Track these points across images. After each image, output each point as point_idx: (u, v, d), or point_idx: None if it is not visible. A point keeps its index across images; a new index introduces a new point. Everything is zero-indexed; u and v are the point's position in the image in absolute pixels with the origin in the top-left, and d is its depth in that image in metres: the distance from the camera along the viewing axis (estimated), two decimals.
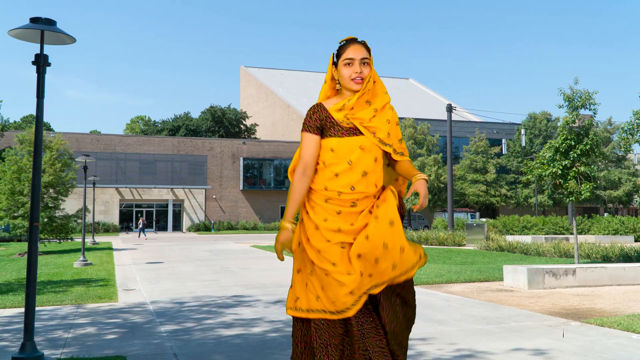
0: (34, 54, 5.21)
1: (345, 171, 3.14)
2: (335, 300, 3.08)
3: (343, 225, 3.12)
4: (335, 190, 3.13)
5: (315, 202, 3.18)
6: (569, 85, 14.37)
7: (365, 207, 3.17)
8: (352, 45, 3.23)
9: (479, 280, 11.45)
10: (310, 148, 3.19)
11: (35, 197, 5.17)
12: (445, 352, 5.31)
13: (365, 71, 3.20)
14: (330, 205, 3.15)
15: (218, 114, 62.05)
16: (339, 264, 3.09)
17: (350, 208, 3.14)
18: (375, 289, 3.12)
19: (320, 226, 3.13)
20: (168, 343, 5.89)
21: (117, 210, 47.18)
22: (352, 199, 3.14)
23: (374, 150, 3.19)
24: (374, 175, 3.18)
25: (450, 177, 29.07)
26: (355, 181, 3.13)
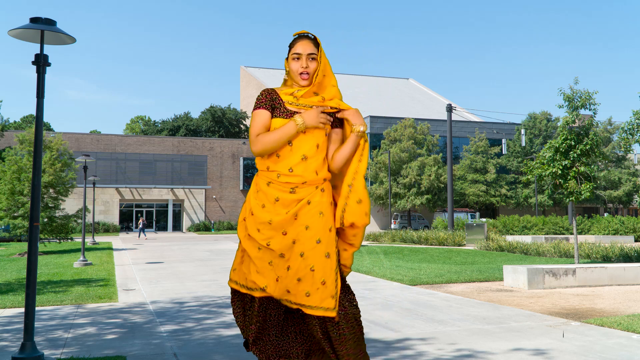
0: (34, 54, 5.21)
1: (286, 152, 3.20)
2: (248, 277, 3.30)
3: (276, 216, 3.18)
4: (275, 171, 3.20)
5: (260, 186, 3.27)
6: (569, 85, 14.39)
7: (304, 196, 3.20)
8: (301, 41, 3.30)
9: (479, 280, 11.44)
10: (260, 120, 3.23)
11: (35, 197, 5.17)
12: (445, 352, 5.31)
13: (311, 66, 3.26)
14: (271, 190, 3.21)
15: (218, 114, 62.04)
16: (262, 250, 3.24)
17: (289, 195, 3.19)
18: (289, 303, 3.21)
19: (255, 213, 3.24)
20: (168, 343, 5.89)
21: (117, 210, 47.18)
22: (290, 182, 3.18)
23: (317, 136, 3.23)
24: (314, 162, 3.21)
25: (450, 177, 29.06)
26: (294, 164, 3.18)
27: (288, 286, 3.17)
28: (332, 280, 3.13)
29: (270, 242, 3.19)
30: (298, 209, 3.17)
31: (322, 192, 3.24)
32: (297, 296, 3.16)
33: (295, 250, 3.16)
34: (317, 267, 3.12)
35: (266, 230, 3.21)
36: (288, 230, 3.18)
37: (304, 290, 3.13)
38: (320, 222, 3.18)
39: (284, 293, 3.19)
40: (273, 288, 3.22)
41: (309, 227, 3.16)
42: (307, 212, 3.17)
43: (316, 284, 3.12)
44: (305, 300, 3.13)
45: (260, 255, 3.24)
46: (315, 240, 3.15)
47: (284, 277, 3.18)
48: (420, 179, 44.80)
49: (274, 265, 3.21)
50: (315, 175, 3.22)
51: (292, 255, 3.17)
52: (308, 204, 3.18)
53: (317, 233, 3.16)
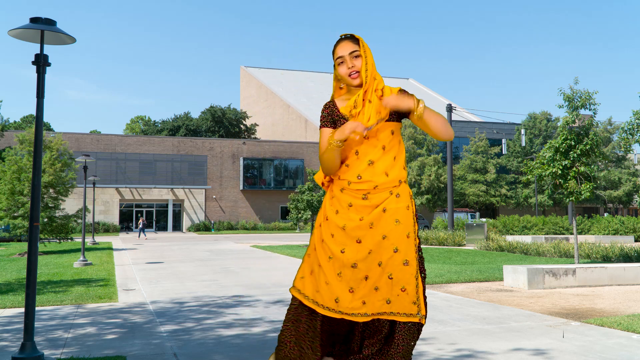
0: (34, 54, 5.21)
1: (353, 161, 3.17)
2: (318, 290, 3.16)
3: (349, 222, 3.12)
4: (346, 179, 3.19)
5: (334, 192, 3.24)
6: (569, 85, 14.39)
7: (378, 202, 3.15)
8: (340, 44, 3.24)
9: (479, 280, 11.44)
10: (323, 139, 3.22)
11: (35, 197, 5.17)
12: (445, 352, 5.31)
13: (357, 63, 3.19)
14: (344, 195, 3.18)
15: (218, 114, 62.04)
16: (334, 259, 3.14)
17: (361, 201, 3.15)
18: (362, 317, 3.10)
19: (329, 218, 3.20)
20: (168, 343, 5.89)
21: (117, 210, 47.17)
22: (361, 189, 3.15)
23: (381, 138, 3.18)
24: (381, 163, 3.16)
25: (450, 177, 29.07)
26: (361, 170, 3.15)
27: (365, 297, 3.08)
28: (412, 287, 3.10)
29: (345, 249, 3.12)
30: (373, 217, 3.12)
31: (397, 198, 3.16)
32: (375, 305, 3.08)
33: (373, 261, 3.09)
34: (395, 275, 3.08)
35: (340, 237, 3.14)
36: (363, 239, 3.11)
37: (384, 298, 3.08)
38: (397, 230, 3.11)
39: (359, 306, 3.09)
40: (348, 301, 3.09)
41: (386, 236, 3.10)
42: (383, 221, 3.12)
43: (396, 291, 3.08)
44: (386, 308, 3.08)
45: (330, 265, 3.14)
46: (393, 250, 3.10)
47: (360, 288, 3.08)
48: (420, 179, 44.81)
49: (342, 276, 3.11)
50: (385, 177, 3.16)
51: (369, 265, 3.09)
52: (384, 211, 3.13)
53: (394, 242, 3.10)
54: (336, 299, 3.10)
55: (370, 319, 3.11)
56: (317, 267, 3.19)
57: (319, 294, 3.14)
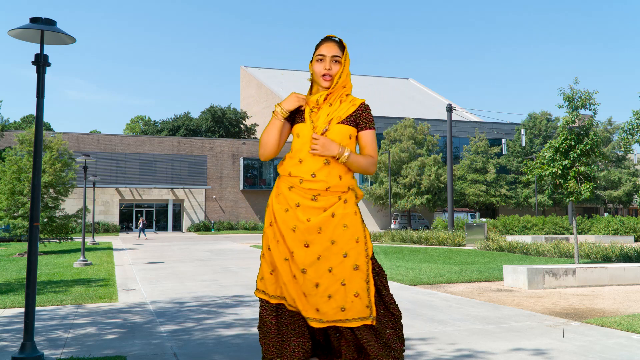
0: (34, 54, 5.21)
1: (308, 157, 3.16)
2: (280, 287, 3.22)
3: (299, 223, 3.12)
4: (298, 176, 3.15)
5: (281, 189, 3.23)
6: (569, 85, 14.39)
7: (327, 206, 3.14)
8: (327, 43, 3.27)
9: (479, 280, 11.44)
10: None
11: (35, 197, 5.17)
12: (445, 352, 5.31)
13: (334, 69, 3.23)
14: (292, 194, 3.16)
15: (218, 114, 62.04)
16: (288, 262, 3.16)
17: (310, 202, 3.13)
18: (317, 323, 3.11)
19: (278, 218, 3.19)
20: (168, 343, 5.88)
21: (117, 210, 47.18)
22: (313, 189, 3.13)
23: (340, 140, 3.20)
24: (337, 166, 3.17)
25: (450, 177, 29.06)
26: (317, 168, 3.14)
27: (318, 304, 3.08)
28: (364, 291, 3.11)
29: (294, 251, 3.12)
30: (321, 220, 3.11)
31: (344, 204, 3.17)
32: (329, 313, 3.08)
33: (322, 267, 3.09)
34: (347, 281, 3.08)
35: (290, 239, 3.13)
36: (311, 243, 3.10)
37: (338, 306, 3.08)
38: (346, 236, 3.12)
39: (314, 312, 3.10)
40: (302, 304, 3.11)
41: (334, 241, 3.11)
42: (331, 226, 3.11)
43: (350, 298, 3.08)
44: (342, 315, 3.08)
45: (286, 267, 3.15)
46: (342, 255, 3.10)
47: (312, 295, 3.08)
48: (420, 179, 44.80)
49: (297, 279, 3.11)
50: (338, 180, 3.16)
51: (319, 272, 3.09)
52: (332, 216, 3.12)
53: (343, 247, 3.11)
54: (293, 299, 3.14)
55: (326, 326, 3.11)
56: (277, 268, 3.21)
57: (281, 289, 3.21)
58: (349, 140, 3.22)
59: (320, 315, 3.09)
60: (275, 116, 3.21)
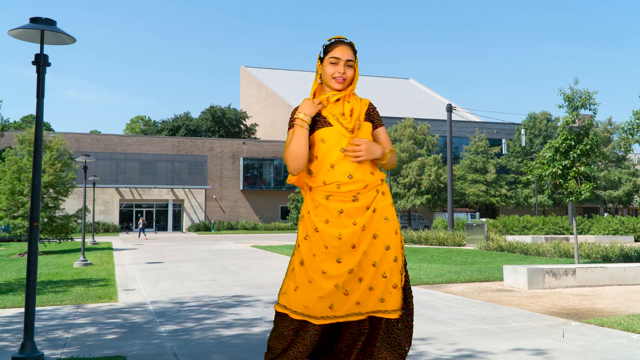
0: (34, 54, 5.21)
1: (339, 160, 3.11)
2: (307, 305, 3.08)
3: (344, 229, 3.07)
4: (333, 182, 3.10)
5: (318, 201, 3.14)
6: (569, 85, 14.39)
7: (368, 203, 3.13)
8: (340, 46, 3.23)
9: (479, 280, 11.44)
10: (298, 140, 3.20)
11: (35, 197, 5.17)
12: (445, 352, 5.31)
13: (348, 73, 3.22)
14: (332, 203, 3.10)
15: (218, 114, 62.04)
16: (328, 274, 3.08)
17: (352, 203, 3.11)
18: (357, 316, 3.10)
19: (320, 229, 3.10)
20: (168, 343, 5.88)
21: (117, 210, 47.18)
22: (352, 190, 3.10)
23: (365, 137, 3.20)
24: (367, 163, 3.17)
25: (450, 177, 29.07)
26: (352, 170, 3.11)
27: (359, 297, 3.08)
28: (399, 283, 3.14)
29: (341, 258, 3.07)
30: (365, 219, 3.10)
31: (383, 196, 3.18)
32: (369, 304, 3.09)
33: (367, 262, 3.09)
34: (388, 273, 3.10)
35: (335, 247, 3.07)
36: (357, 243, 3.09)
37: (378, 297, 3.09)
38: (387, 228, 3.13)
39: (353, 306, 3.08)
40: (340, 305, 3.08)
41: (377, 235, 3.11)
42: (374, 221, 3.12)
43: (389, 289, 3.10)
44: (381, 306, 3.09)
45: (324, 279, 3.07)
46: (385, 247, 3.11)
47: (355, 290, 3.07)
48: (420, 179, 44.80)
49: (340, 287, 3.07)
50: (372, 177, 3.16)
51: (363, 267, 3.08)
52: (374, 212, 3.12)
53: (385, 240, 3.12)
54: (330, 306, 3.08)
55: (365, 317, 3.11)
56: (307, 284, 3.10)
57: (309, 309, 3.08)
58: (371, 137, 3.26)
59: (359, 308, 3.09)
60: (301, 125, 3.12)
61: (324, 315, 3.09)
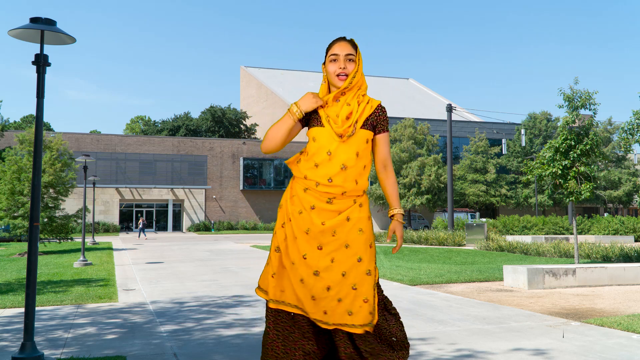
0: (34, 54, 5.21)
1: (324, 162, 3.11)
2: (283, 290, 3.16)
3: (312, 225, 3.09)
4: (314, 180, 3.12)
5: (296, 191, 3.19)
6: (569, 85, 14.39)
7: (342, 209, 3.13)
8: (339, 42, 3.25)
9: (479, 280, 11.44)
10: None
11: (35, 197, 5.17)
12: (445, 352, 5.31)
13: (349, 67, 3.21)
14: (307, 196, 3.13)
15: (218, 114, 62.04)
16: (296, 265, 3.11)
17: (325, 204, 3.11)
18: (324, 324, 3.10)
19: (293, 219, 3.15)
20: (168, 343, 5.89)
21: (117, 210, 47.18)
22: (328, 193, 3.10)
23: (357, 144, 3.16)
24: (354, 171, 3.14)
25: (450, 177, 29.07)
26: (333, 173, 3.10)
27: (326, 307, 3.06)
28: (371, 297, 3.11)
29: (307, 254, 3.08)
30: (336, 223, 3.08)
31: (360, 208, 3.16)
32: (336, 316, 3.06)
33: (336, 270, 3.06)
34: (358, 286, 3.07)
35: (303, 241, 3.10)
36: (325, 246, 3.08)
37: (346, 310, 3.06)
38: (361, 240, 3.11)
39: (321, 315, 3.07)
40: (310, 307, 3.08)
41: (349, 245, 3.09)
42: (346, 230, 3.09)
43: (359, 302, 3.07)
44: (348, 320, 3.06)
45: (294, 271, 3.11)
46: (357, 259, 3.08)
47: (322, 298, 3.06)
48: (420, 179, 44.79)
49: (305, 283, 3.07)
50: (354, 185, 3.14)
51: (332, 275, 3.06)
52: (347, 220, 3.10)
53: (358, 251, 3.09)
54: (300, 302, 3.11)
55: (332, 328, 3.08)
56: (282, 269, 3.16)
57: (284, 294, 3.14)
58: (366, 145, 3.20)
59: (327, 318, 3.07)
60: (290, 115, 3.16)
61: (296, 305, 3.12)
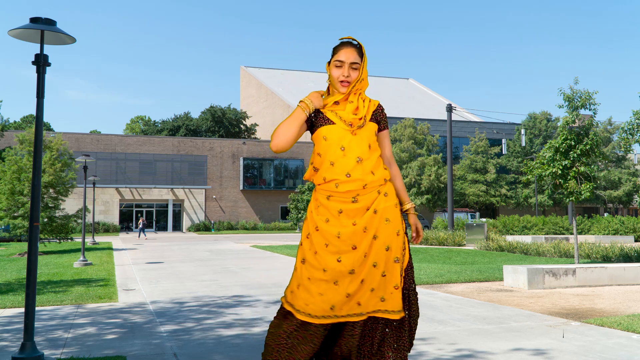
0: (34, 54, 5.21)
1: (339, 158, 3.14)
2: (308, 303, 3.10)
3: (344, 228, 3.10)
4: (332, 179, 3.13)
5: (320, 201, 3.19)
6: (569, 85, 14.39)
7: (368, 204, 3.15)
8: (345, 48, 3.26)
9: (479, 280, 11.44)
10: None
11: (35, 197, 5.17)
12: (445, 352, 5.31)
13: (353, 75, 3.24)
14: (332, 203, 3.14)
15: (218, 114, 62.04)
16: (329, 271, 3.10)
17: (351, 204, 3.13)
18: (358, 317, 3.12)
19: (320, 228, 3.14)
20: (168, 343, 5.88)
21: (117, 210, 47.18)
22: (350, 190, 3.12)
23: (367, 136, 3.21)
24: (369, 162, 3.17)
25: (450, 177, 29.07)
26: (350, 168, 3.12)
27: (360, 299, 3.10)
28: (400, 284, 3.16)
29: (341, 257, 3.09)
30: (366, 220, 3.11)
31: (385, 197, 3.18)
32: (369, 304, 3.10)
33: (368, 263, 3.11)
34: (388, 273, 3.12)
35: (335, 245, 3.10)
36: (359, 244, 3.10)
37: (378, 297, 3.11)
38: (388, 229, 3.15)
39: (355, 307, 3.10)
40: (340, 307, 3.09)
41: (377, 237, 3.12)
42: (375, 223, 3.13)
43: (389, 289, 3.12)
44: (381, 305, 3.10)
45: (325, 277, 3.09)
46: (385, 248, 3.13)
47: (356, 291, 3.09)
48: (420, 179, 44.80)
49: (339, 284, 3.08)
50: (372, 176, 3.16)
51: (365, 268, 3.10)
52: (375, 213, 3.13)
53: (385, 241, 3.13)
54: (332, 307, 3.09)
55: (366, 317, 3.12)
56: (307, 281, 3.13)
57: (310, 307, 3.10)
58: (375, 137, 3.27)
59: (361, 308, 3.11)
60: (303, 109, 3.17)
61: (325, 315, 3.09)
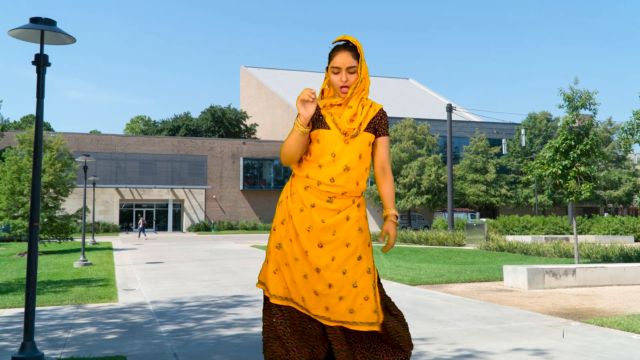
0: (34, 54, 5.21)
1: (328, 163, 3.16)
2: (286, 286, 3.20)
3: (314, 223, 3.14)
4: (315, 179, 3.16)
5: (296, 188, 3.23)
6: (569, 85, 14.39)
7: (341, 208, 3.18)
8: (340, 53, 3.23)
9: (479, 280, 11.44)
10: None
11: (35, 197, 5.17)
12: (445, 352, 5.31)
13: (351, 79, 3.23)
14: (307, 194, 3.17)
15: (218, 114, 62.03)
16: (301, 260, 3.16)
17: (325, 203, 3.16)
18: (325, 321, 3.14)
19: (294, 217, 3.19)
20: (168, 343, 5.89)
21: (117, 210, 47.17)
22: (329, 192, 3.15)
23: (360, 146, 3.21)
24: (356, 172, 3.19)
25: (450, 177, 29.07)
26: (336, 174, 3.14)
27: (328, 303, 3.11)
28: (372, 295, 3.14)
29: (308, 251, 3.13)
30: (335, 222, 3.13)
31: (358, 208, 3.22)
32: (338, 314, 3.11)
33: (337, 269, 3.11)
34: (359, 284, 3.11)
35: (304, 238, 3.15)
36: (325, 244, 3.13)
37: (347, 308, 3.10)
38: (360, 239, 3.17)
39: (323, 310, 3.13)
40: (313, 303, 3.13)
41: (349, 244, 3.14)
42: (346, 229, 3.14)
43: (359, 300, 3.11)
44: (349, 317, 3.10)
45: (297, 267, 3.16)
46: (357, 257, 3.14)
47: (324, 294, 3.11)
48: (420, 179, 44.79)
49: (309, 279, 3.13)
50: (355, 186, 3.19)
51: (333, 273, 3.11)
52: (347, 219, 3.16)
53: (357, 250, 3.14)
54: (302, 298, 3.15)
55: (334, 324, 3.13)
56: (284, 266, 3.21)
57: (287, 290, 3.19)
58: (368, 147, 3.25)
59: (328, 314, 3.12)
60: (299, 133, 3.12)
61: (298, 302, 3.17)
